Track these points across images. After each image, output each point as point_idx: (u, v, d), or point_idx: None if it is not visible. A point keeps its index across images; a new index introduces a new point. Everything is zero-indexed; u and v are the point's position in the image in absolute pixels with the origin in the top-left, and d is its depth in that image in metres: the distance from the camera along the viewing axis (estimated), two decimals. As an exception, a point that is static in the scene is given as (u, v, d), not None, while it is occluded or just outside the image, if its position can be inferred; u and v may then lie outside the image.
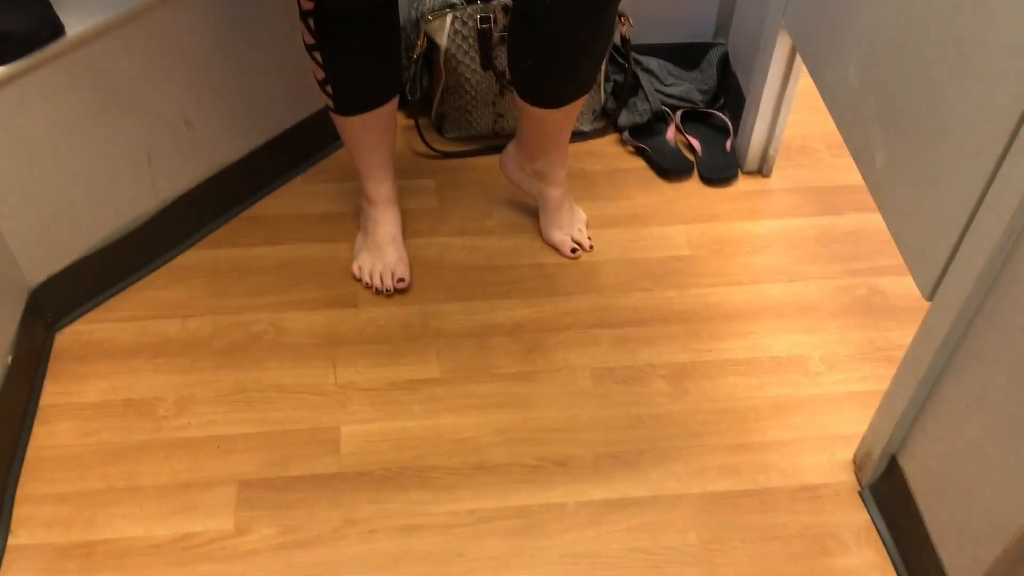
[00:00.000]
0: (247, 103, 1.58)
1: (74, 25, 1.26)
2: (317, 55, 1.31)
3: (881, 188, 1.22)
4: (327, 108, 1.41)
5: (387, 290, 1.53)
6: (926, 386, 1.12)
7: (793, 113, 1.73)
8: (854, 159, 1.29)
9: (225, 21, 1.45)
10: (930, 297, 1.09)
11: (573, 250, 1.61)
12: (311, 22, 1.27)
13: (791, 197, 1.74)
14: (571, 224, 1.62)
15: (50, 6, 1.24)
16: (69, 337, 1.46)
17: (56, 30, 1.24)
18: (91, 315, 1.50)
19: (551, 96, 1.34)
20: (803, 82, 1.59)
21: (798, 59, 1.56)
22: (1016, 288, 0.93)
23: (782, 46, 1.57)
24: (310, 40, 1.30)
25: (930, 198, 1.09)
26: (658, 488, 1.30)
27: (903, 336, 1.47)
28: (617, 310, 1.53)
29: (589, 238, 1.64)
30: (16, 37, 1.20)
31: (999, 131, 0.93)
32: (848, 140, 1.31)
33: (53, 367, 1.42)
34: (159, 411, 1.37)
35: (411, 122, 1.82)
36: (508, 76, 1.36)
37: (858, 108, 1.26)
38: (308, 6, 1.26)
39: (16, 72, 1.22)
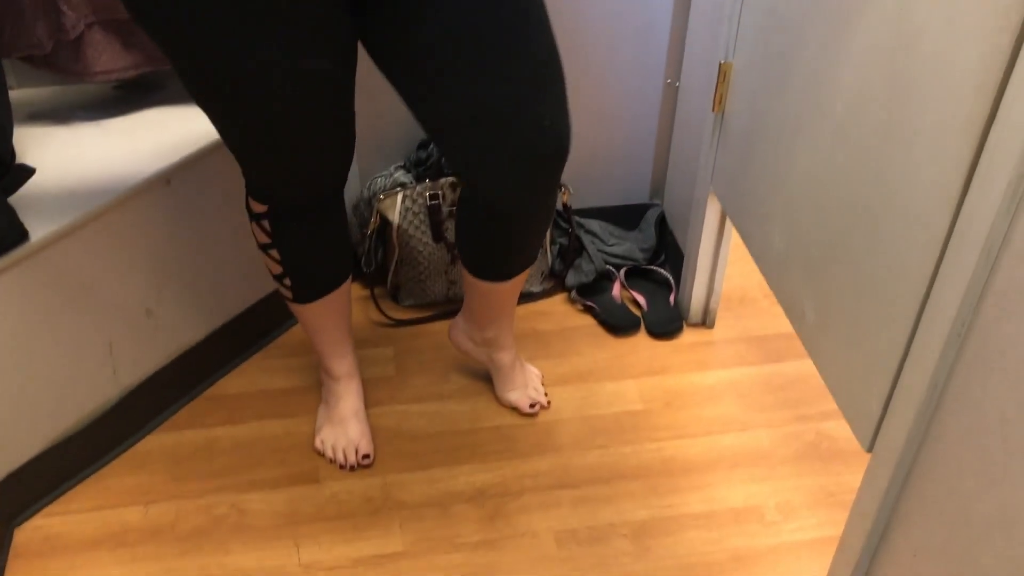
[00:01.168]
0: (205, 289, 1.63)
1: (37, 230, 1.32)
2: (273, 252, 1.35)
3: (813, 342, 1.29)
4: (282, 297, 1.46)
5: (351, 466, 1.55)
6: (876, 534, 1.15)
7: (731, 264, 1.82)
8: (786, 314, 1.37)
9: (180, 216, 1.52)
10: (869, 448, 1.14)
11: (532, 405, 1.65)
12: (265, 223, 1.33)
13: (736, 347, 1.81)
14: (525, 383, 1.67)
15: (14, 214, 1.29)
16: (28, 533, 1.45)
17: (20, 235, 1.30)
18: (50, 508, 1.49)
19: (500, 270, 1.41)
20: (738, 235, 1.69)
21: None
22: (942, 444, 0.99)
23: (713, 208, 1.67)
24: (264, 239, 1.35)
25: (859, 354, 1.15)
26: (627, 652, 1.30)
27: (853, 480, 1.52)
28: (576, 469, 1.56)
29: (546, 394, 1.68)
30: (-19, 246, 1.25)
31: (912, 292, 1.01)
32: (779, 296, 1.39)
33: (12, 565, 1.40)
34: (121, 605, 1.36)
35: (367, 292, 1.89)
36: (459, 253, 1.43)
37: (785, 267, 1.35)
38: (260, 209, 1.32)
39: (-20, 278, 1.26)
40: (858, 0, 1.07)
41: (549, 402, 1.68)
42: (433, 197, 1.74)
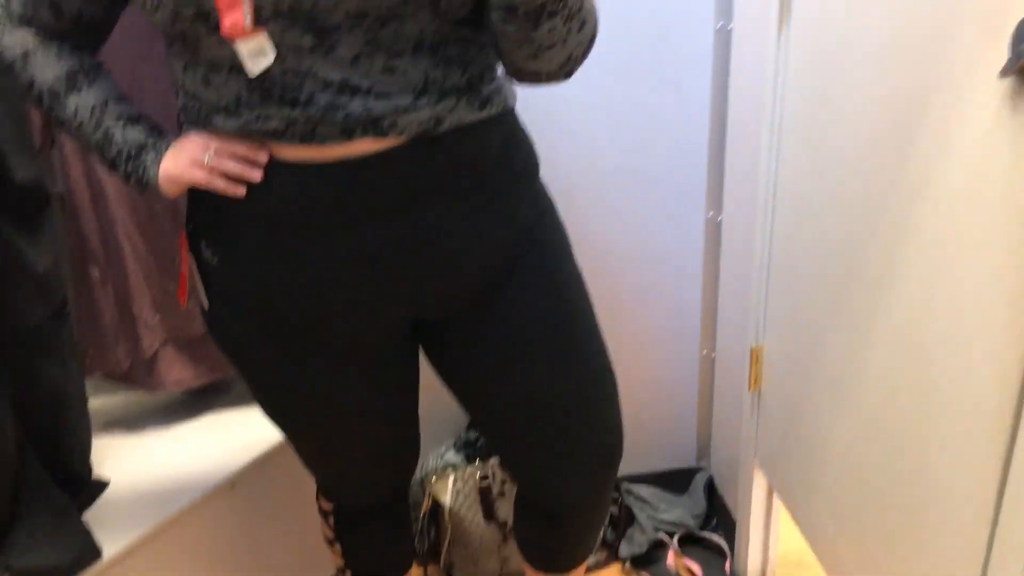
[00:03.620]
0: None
1: (109, 545, 1.38)
2: (337, 547, 1.41)
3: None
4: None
5: None
6: None
7: (786, 525, 1.82)
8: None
9: (244, 519, 1.58)
10: None
11: None
12: (331, 520, 1.39)
13: (797, 617, 1.78)
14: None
15: (89, 534, 1.36)
16: None
17: (94, 555, 1.35)
18: None
19: (561, 564, 1.42)
20: (786, 508, 1.70)
21: (777, 488, 1.68)
22: None
23: (759, 480, 1.70)
24: (330, 535, 1.41)
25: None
26: None
27: None
28: None
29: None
30: (60, 569, 1.30)
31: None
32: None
33: None
34: None
35: (421, 570, 1.90)
36: (518, 547, 1.45)
37: (836, 553, 1.35)
38: (327, 507, 1.38)
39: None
40: (871, 308, 1.15)
41: None
42: (484, 478, 1.79)
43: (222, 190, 1.00)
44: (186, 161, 1.01)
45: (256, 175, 0.98)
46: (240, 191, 0.99)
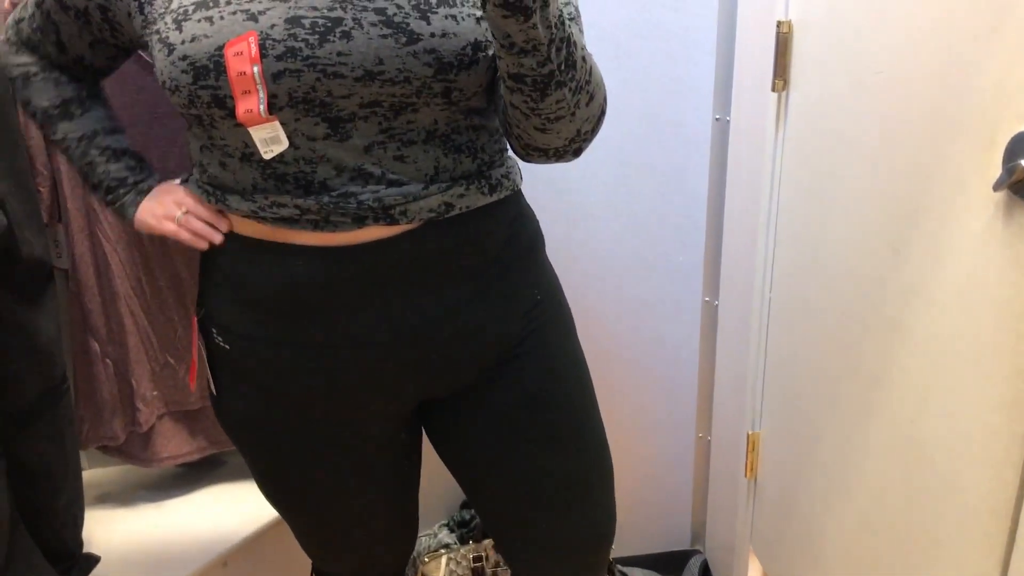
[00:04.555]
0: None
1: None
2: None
3: None
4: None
5: None
6: None
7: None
8: None
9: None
10: None
11: None
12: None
13: None
14: None
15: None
16: None
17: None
18: None
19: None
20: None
21: (772, 576, 1.68)
22: None
23: (755, 565, 1.69)
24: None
25: None
26: None
27: None
28: None
29: None
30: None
31: None
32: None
33: None
34: None
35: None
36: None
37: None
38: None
39: None
40: (867, 402, 1.16)
41: None
42: (477, 559, 1.77)
43: (188, 242, 1.07)
44: (161, 215, 1.09)
45: (217, 238, 1.05)
46: (203, 245, 1.07)
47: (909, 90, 1.02)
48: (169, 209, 1.09)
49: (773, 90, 1.38)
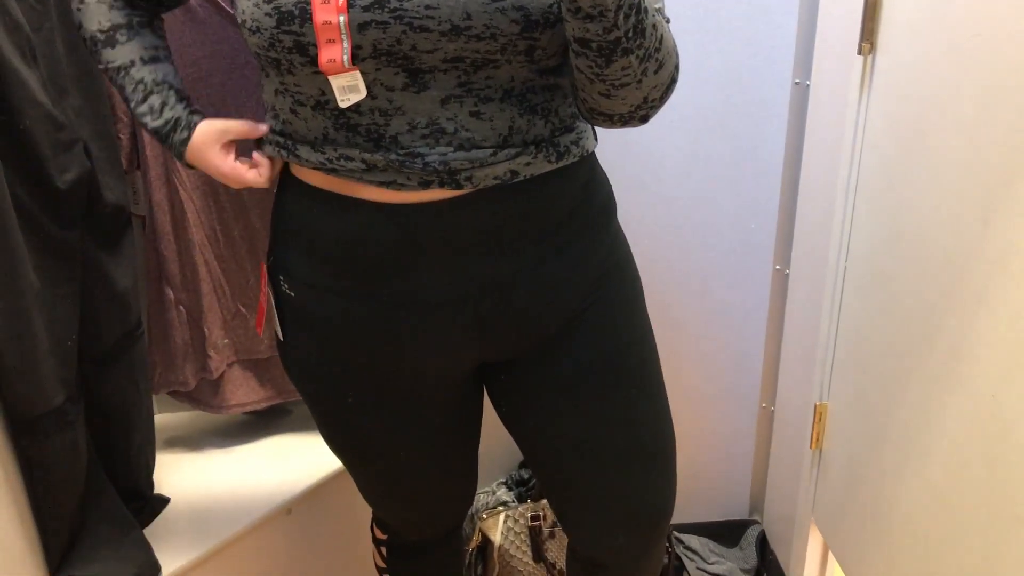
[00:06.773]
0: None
1: (167, 563, 1.40)
2: (387, 576, 1.42)
3: None
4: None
5: None
6: None
7: (837, 586, 1.78)
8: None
9: (298, 545, 1.59)
10: None
11: None
12: (384, 550, 1.40)
13: None
14: None
15: (151, 549, 1.38)
16: None
17: (154, 571, 1.37)
18: None
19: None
20: (841, 570, 1.67)
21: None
22: None
23: (815, 538, 1.67)
24: (381, 564, 1.42)
25: None
26: None
27: None
28: None
29: None
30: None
31: None
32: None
33: None
34: None
35: (466, 602, 1.89)
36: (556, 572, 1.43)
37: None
38: (381, 536, 1.39)
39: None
40: (946, 377, 1.13)
41: None
42: (535, 518, 1.79)
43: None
44: (208, 167, 1.09)
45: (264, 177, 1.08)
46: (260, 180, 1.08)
47: (1009, 54, 0.98)
48: (216, 162, 1.08)
49: (859, 53, 1.34)
